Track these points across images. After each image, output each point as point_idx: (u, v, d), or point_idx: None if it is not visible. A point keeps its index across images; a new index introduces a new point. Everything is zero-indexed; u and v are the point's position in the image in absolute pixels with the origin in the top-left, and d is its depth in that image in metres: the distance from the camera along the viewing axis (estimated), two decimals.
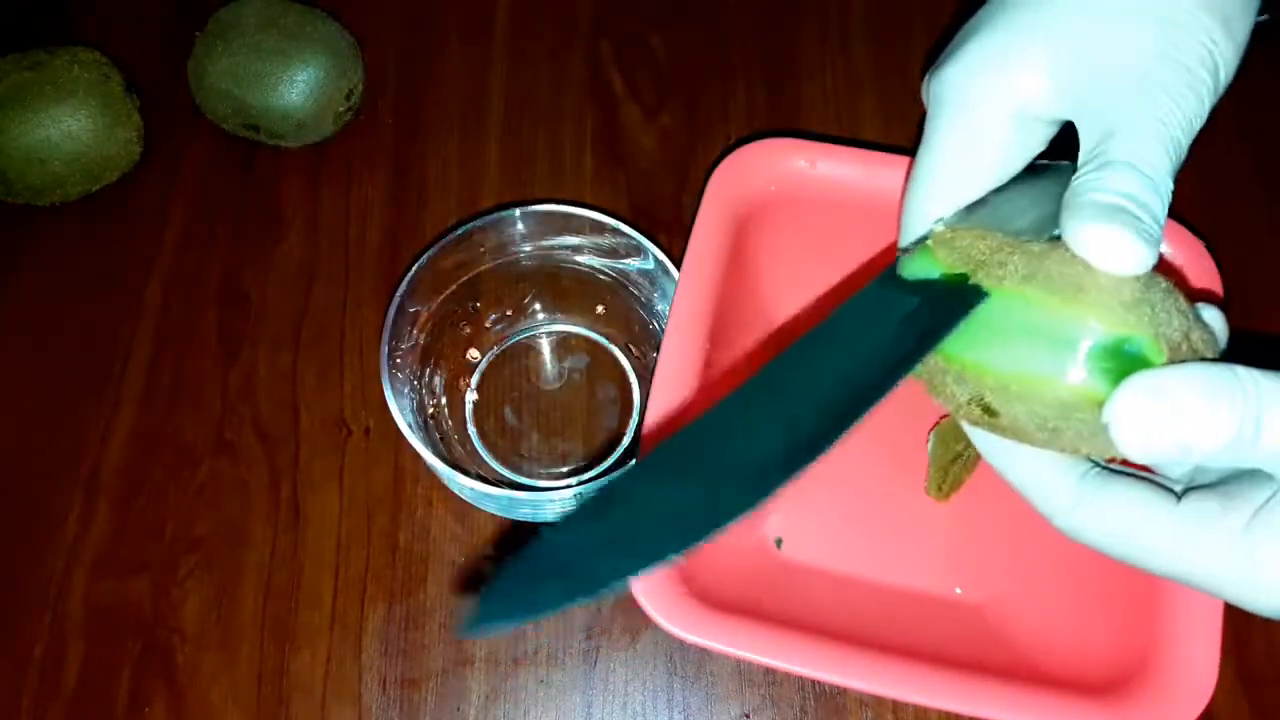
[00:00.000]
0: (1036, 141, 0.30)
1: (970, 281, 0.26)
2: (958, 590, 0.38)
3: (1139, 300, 0.24)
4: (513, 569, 0.22)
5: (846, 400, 0.24)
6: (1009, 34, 0.29)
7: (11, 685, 0.39)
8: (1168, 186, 0.26)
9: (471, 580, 0.41)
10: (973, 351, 0.26)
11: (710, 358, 0.36)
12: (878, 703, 0.39)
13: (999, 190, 0.30)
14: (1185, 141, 0.27)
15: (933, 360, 0.27)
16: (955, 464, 0.39)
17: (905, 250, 0.31)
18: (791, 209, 0.39)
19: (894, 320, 0.27)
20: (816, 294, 0.42)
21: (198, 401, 0.45)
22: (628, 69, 0.52)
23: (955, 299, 0.26)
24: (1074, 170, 0.29)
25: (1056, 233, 0.27)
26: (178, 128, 0.51)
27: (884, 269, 0.30)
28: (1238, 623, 0.38)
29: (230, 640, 0.40)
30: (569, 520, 0.23)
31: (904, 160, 0.38)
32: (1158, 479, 0.27)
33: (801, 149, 0.38)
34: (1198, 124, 0.27)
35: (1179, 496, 0.26)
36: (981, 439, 0.29)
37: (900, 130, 0.51)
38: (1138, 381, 0.23)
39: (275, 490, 0.43)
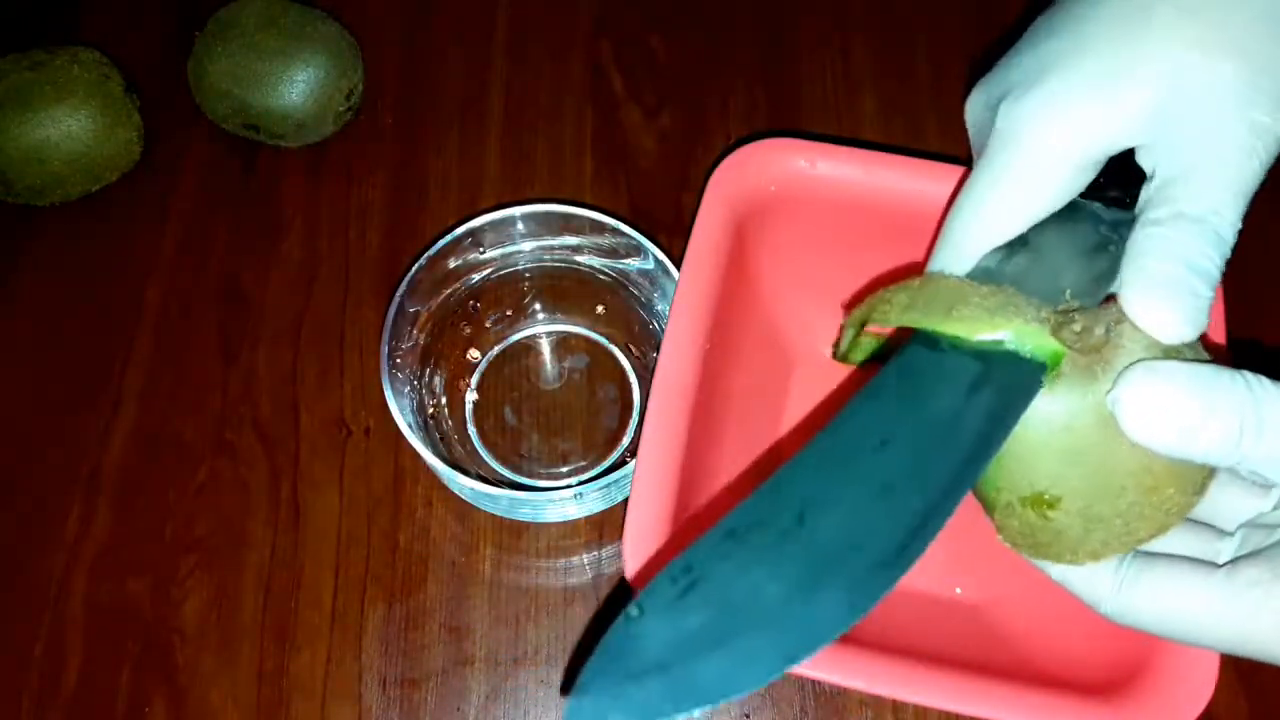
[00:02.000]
0: (1087, 178, 0.29)
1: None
2: (958, 590, 0.38)
3: None
4: (602, 663, 0.21)
5: (952, 467, 0.23)
6: (1097, 69, 0.28)
7: (11, 685, 0.39)
8: (1235, 233, 0.26)
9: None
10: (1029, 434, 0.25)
11: (710, 358, 0.36)
12: (878, 703, 0.39)
13: (1037, 229, 0.29)
14: (1256, 183, 0.26)
15: None
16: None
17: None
18: (791, 209, 0.39)
19: (962, 388, 0.25)
20: (816, 294, 0.42)
21: (198, 401, 0.45)
22: (628, 69, 0.52)
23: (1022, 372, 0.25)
24: (1110, 211, 0.29)
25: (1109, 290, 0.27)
26: (178, 128, 0.51)
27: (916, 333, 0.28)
28: None
29: (230, 640, 0.40)
30: (654, 599, 0.21)
31: (904, 160, 0.38)
32: (1197, 558, 0.27)
33: (801, 149, 0.38)
34: (1270, 162, 0.26)
35: (1224, 568, 0.26)
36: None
37: (900, 130, 0.51)
38: (1145, 366, 0.24)
39: (275, 490, 0.43)
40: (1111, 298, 0.27)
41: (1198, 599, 0.25)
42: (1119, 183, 0.29)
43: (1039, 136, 0.28)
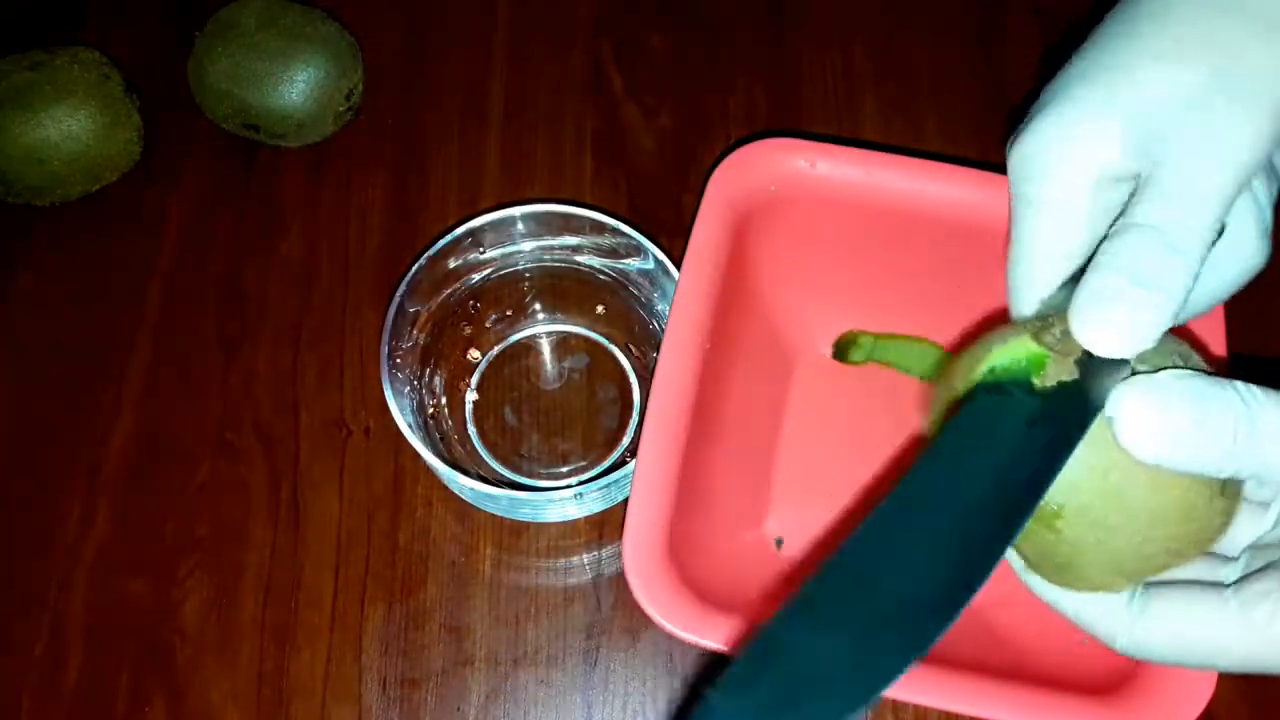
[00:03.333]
0: (1120, 201, 0.29)
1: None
2: None
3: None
4: None
5: (993, 523, 0.24)
6: (1081, 102, 0.28)
7: (11, 685, 0.39)
8: (1205, 242, 0.25)
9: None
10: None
11: (710, 358, 0.36)
12: (878, 702, 0.39)
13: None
14: (1235, 193, 0.26)
15: None
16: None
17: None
18: (791, 209, 0.39)
19: (1018, 428, 0.25)
20: (816, 294, 0.42)
21: (198, 401, 0.45)
22: (628, 69, 0.52)
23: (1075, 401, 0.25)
24: None
25: None
26: (178, 128, 0.51)
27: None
28: None
29: (230, 640, 0.40)
30: (732, 679, 0.22)
31: (904, 160, 0.38)
32: (1205, 580, 0.27)
33: (801, 149, 0.38)
34: (1255, 165, 0.26)
35: (1231, 587, 0.26)
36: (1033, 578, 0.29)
37: (900, 130, 0.51)
38: (1137, 382, 0.24)
39: (275, 490, 0.43)
40: None
41: (1209, 619, 0.25)
42: None
43: (1044, 166, 0.28)
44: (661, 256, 0.40)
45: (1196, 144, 0.26)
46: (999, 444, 0.25)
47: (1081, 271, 0.29)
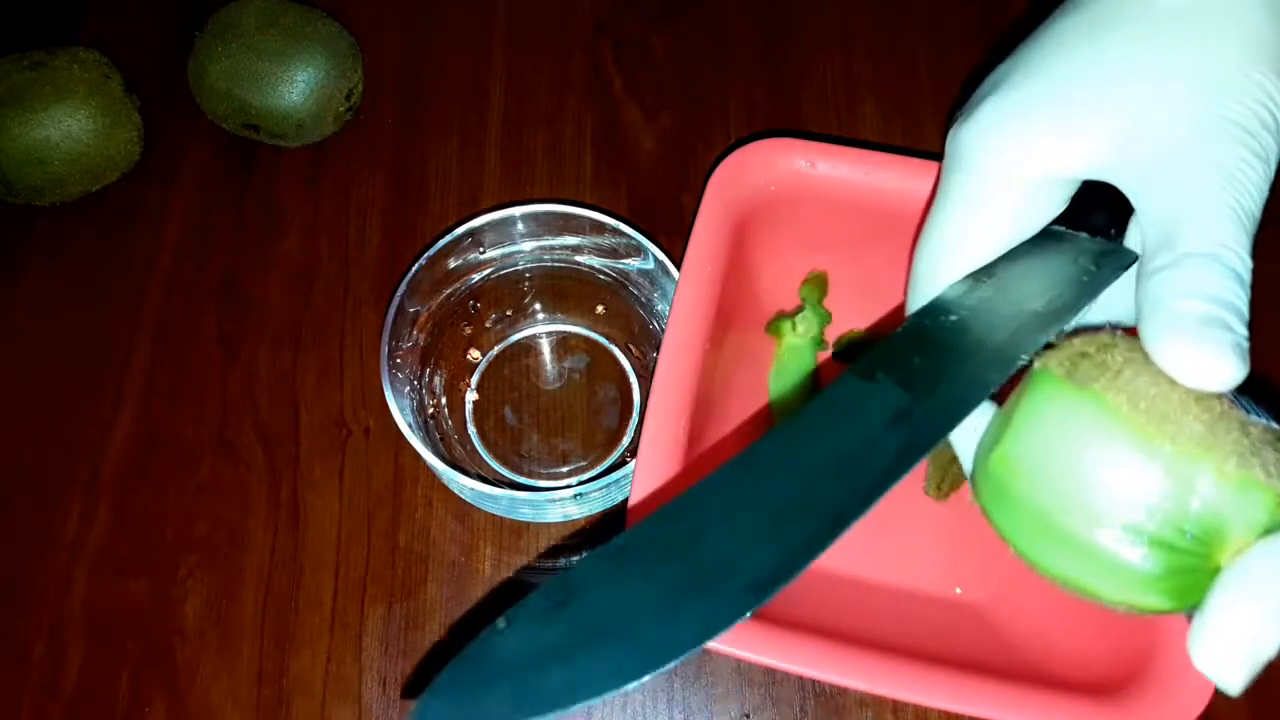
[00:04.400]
0: (1053, 205, 0.28)
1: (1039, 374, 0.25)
2: (958, 590, 0.38)
3: (1245, 440, 0.23)
4: (459, 669, 0.21)
5: (844, 499, 0.23)
6: (1028, 93, 0.27)
7: (11, 685, 0.39)
8: (1249, 268, 0.24)
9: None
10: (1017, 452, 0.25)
11: (710, 357, 0.36)
12: (878, 703, 0.39)
13: (1008, 258, 0.29)
14: (1258, 214, 0.25)
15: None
16: (954, 464, 0.39)
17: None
18: (791, 209, 0.39)
19: (881, 421, 0.25)
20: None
21: (198, 401, 0.45)
22: (628, 69, 0.52)
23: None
24: (1095, 242, 0.28)
25: (1075, 325, 0.26)
26: (178, 128, 0.51)
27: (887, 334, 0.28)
28: None
29: (230, 640, 0.40)
30: (525, 613, 0.22)
31: (904, 160, 0.38)
32: None
33: (801, 149, 0.38)
34: (1266, 190, 0.25)
35: None
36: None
37: (900, 130, 0.51)
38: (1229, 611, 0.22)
39: (275, 490, 0.43)
40: (1076, 333, 0.26)
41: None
42: (1105, 213, 0.29)
43: (983, 158, 0.28)
44: (661, 256, 0.40)
45: (1224, 170, 0.24)
46: (855, 435, 0.24)
47: (984, 272, 0.28)
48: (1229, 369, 0.23)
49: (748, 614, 0.21)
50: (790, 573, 0.22)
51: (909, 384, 0.25)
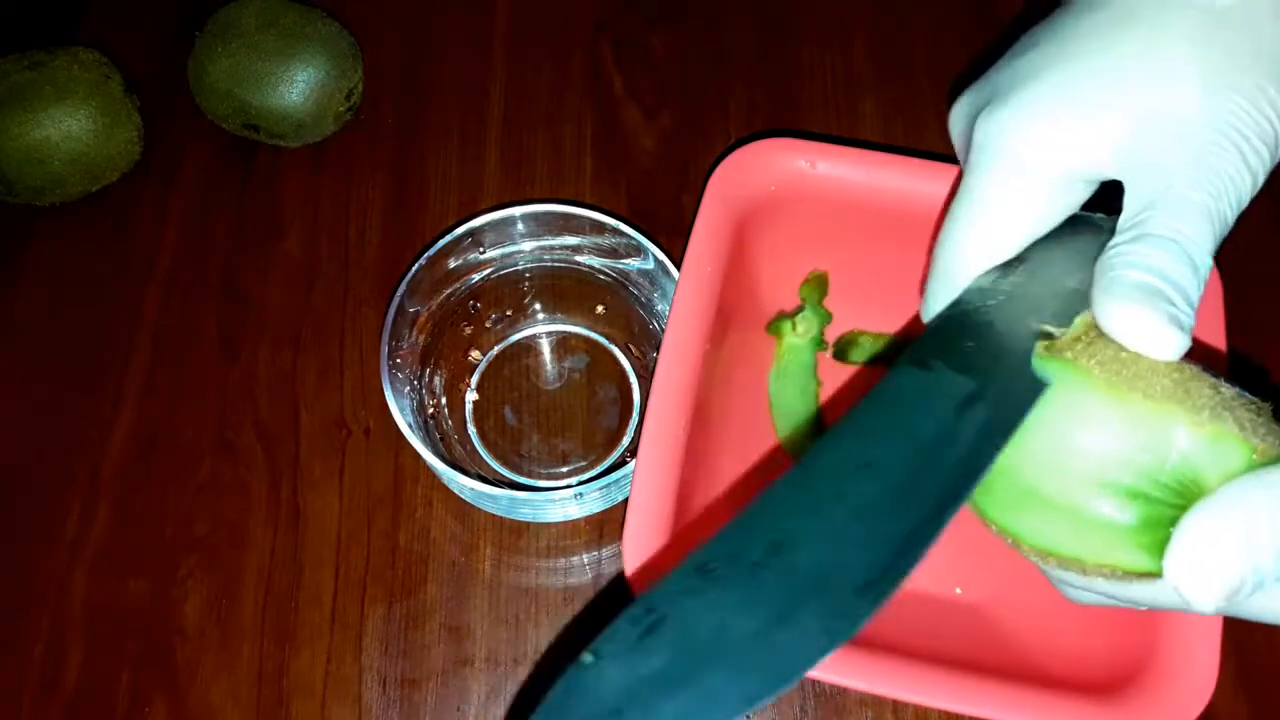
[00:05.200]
0: (1077, 200, 0.29)
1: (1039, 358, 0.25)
2: (958, 590, 0.38)
3: (1213, 400, 0.23)
4: (553, 712, 0.19)
5: (928, 499, 0.22)
6: (1072, 88, 0.27)
7: (11, 685, 0.39)
8: (1207, 265, 0.24)
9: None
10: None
11: (710, 358, 0.36)
12: (878, 703, 0.39)
13: (1035, 247, 0.29)
14: (1232, 218, 0.25)
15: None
16: None
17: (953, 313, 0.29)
18: (791, 209, 0.39)
19: (952, 406, 0.24)
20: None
21: (198, 401, 0.45)
22: (628, 69, 0.52)
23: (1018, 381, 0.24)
24: (1107, 227, 0.28)
25: None
26: (178, 128, 0.51)
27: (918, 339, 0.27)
28: (1238, 623, 0.38)
29: (230, 640, 0.40)
30: (612, 645, 0.20)
31: (904, 160, 0.38)
32: None
33: (801, 149, 0.38)
34: (1247, 199, 0.26)
35: None
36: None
37: (900, 130, 0.51)
38: (1190, 542, 0.22)
39: (275, 490, 0.43)
40: None
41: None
42: (1120, 196, 0.29)
43: (1017, 148, 0.28)
44: (661, 256, 0.40)
45: (1212, 170, 0.25)
46: (929, 423, 0.24)
47: (1015, 259, 0.28)
48: (1167, 337, 0.23)
49: (869, 617, 0.20)
50: (901, 570, 0.21)
51: (967, 368, 0.25)
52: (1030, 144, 0.27)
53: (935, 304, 0.30)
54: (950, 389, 0.24)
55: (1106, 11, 0.28)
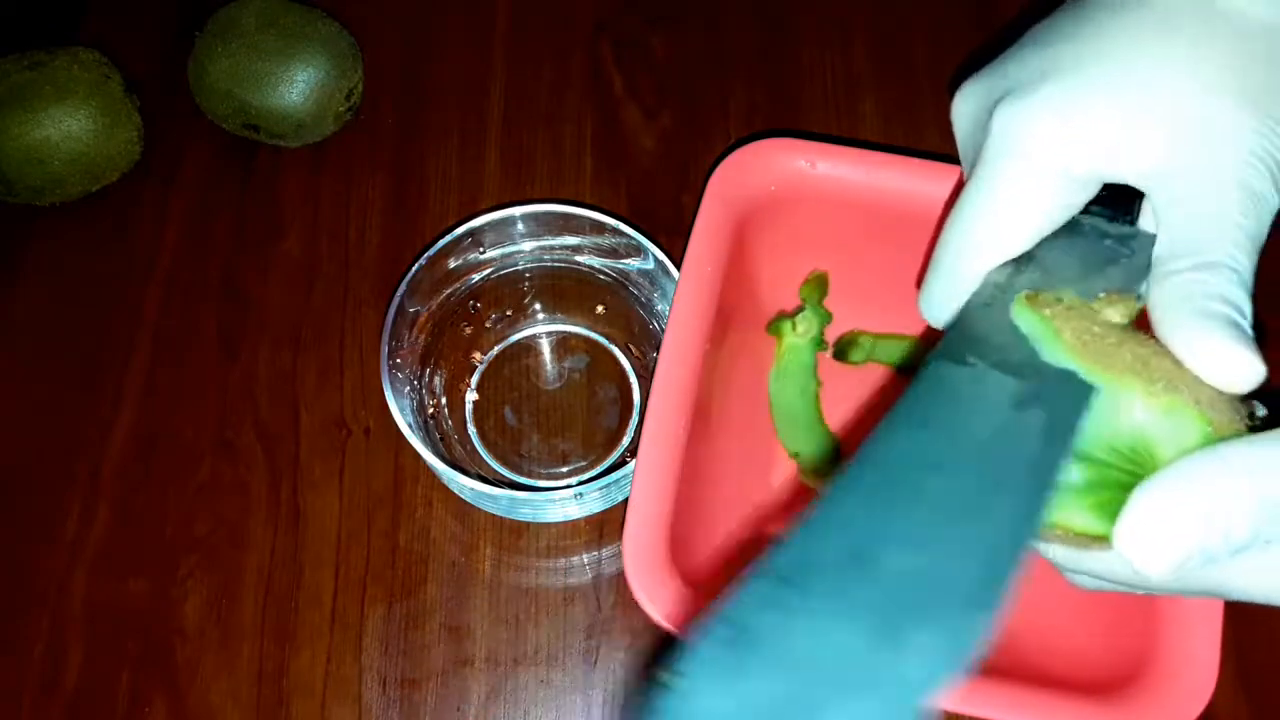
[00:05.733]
0: (1084, 199, 0.28)
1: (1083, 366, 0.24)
2: None
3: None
4: None
5: (1019, 500, 0.21)
6: (1111, 91, 0.26)
7: (11, 685, 0.39)
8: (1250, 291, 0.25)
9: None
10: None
11: (710, 358, 0.36)
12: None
13: (1043, 246, 0.28)
14: (1263, 242, 0.25)
15: None
16: None
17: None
18: (791, 209, 0.39)
19: (1005, 405, 0.23)
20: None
21: (198, 401, 0.45)
22: (628, 69, 0.52)
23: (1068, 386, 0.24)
24: (1114, 225, 0.28)
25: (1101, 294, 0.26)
26: (178, 128, 0.51)
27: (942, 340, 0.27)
28: (1238, 623, 0.38)
29: (230, 640, 0.40)
30: (704, 666, 0.17)
31: (904, 160, 0.38)
32: None
33: (801, 149, 0.38)
34: (1271, 219, 0.26)
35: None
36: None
37: (900, 130, 0.51)
38: (1140, 510, 0.22)
39: (275, 490, 0.43)
40: None
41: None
42: (1111, 199, 0.29)
43: (1042, 144, 0.27)
44: (661, 256, 0.40)
45: (1247, 189, 0.25)
46: (987, 422, 0.23)
47: (1024, 257, 0.28)
48: (1258, 367, 0.23)
49: (984, 633, 0.19)
50: (1000, 579, 0.20)
51: (1006, 365, 0.24)
52: (1059, 141, 0.27)
53: (938, 296, 0.29)
54: (997, 387, 0.24)
55: (1143, 13, 0.27)
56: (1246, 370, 0.23)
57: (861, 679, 0.18)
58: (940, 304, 0.29)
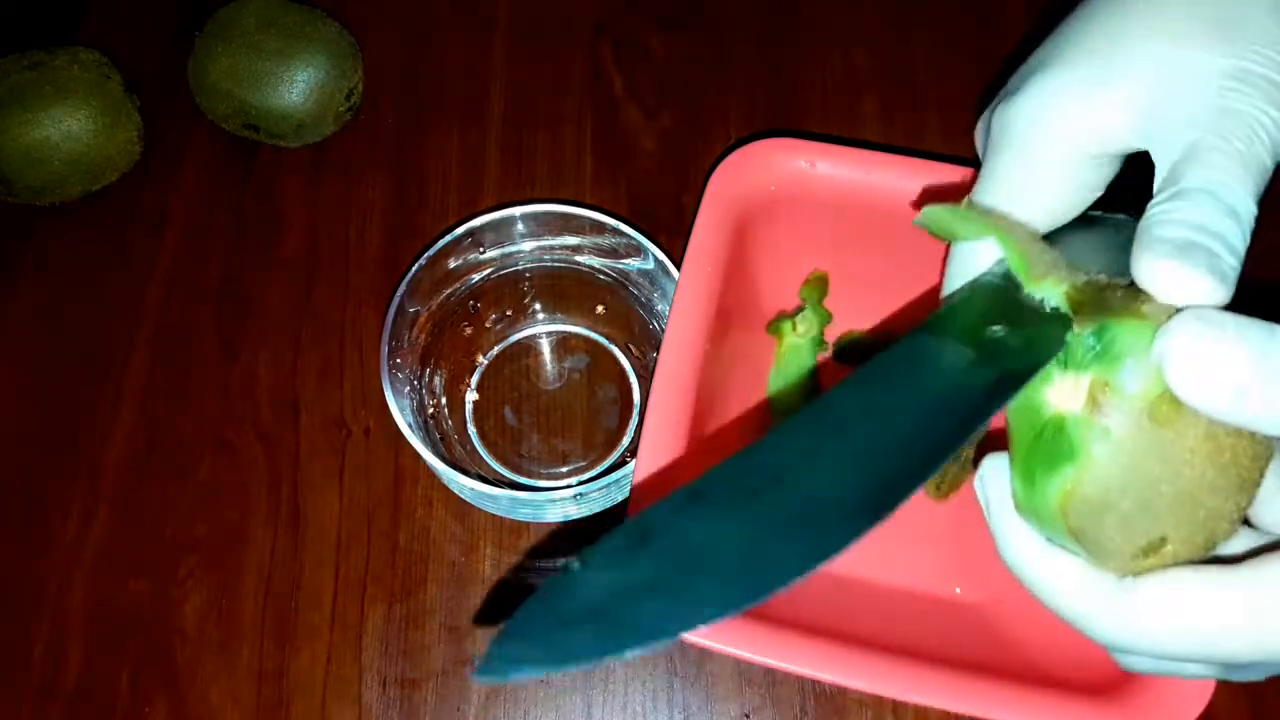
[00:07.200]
0: (1101, 181, 0.28)
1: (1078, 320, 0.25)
2: (958, 590, 0.38)
3: None
4: (533, 610, 0.20)
5: (930, 442, 0.22)
6: (1085, 68, 0.27)
7: (11, 685, 0.39)
8: (1250, 210, 0.24)
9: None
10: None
11: (710, 358, 0.36)
12: (878, 703, 0.39)
13: (1059, 237, 0.29)
14: (1270, 161, 0.25)
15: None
16: (953, 464, 0.39)
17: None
18: (791, 209, 0.39)
19: (961, 366, 0.24)
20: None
21: (198, 401, 0.45)
22: (628, 69, 0.52)
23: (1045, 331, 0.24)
24: (1130, 221, 0.27)
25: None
26: (178, 128, 0.51)
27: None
28: None
29: (230, 640, 0.40)
30: (601, 554, 0.21)
31: (904, 160, 0.38)
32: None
33: (801, 149, 0.38)
34: (1274, 155, 0.25)
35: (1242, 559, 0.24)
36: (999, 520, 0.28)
37: (901, 130, 0.51)
38: (1194, 313, 0.22)
39: (275, 490, 0.43)
40: None
41: (1211, 585, 0.23)
42: (1137, 198, 0.29)
43: (1032, 134, 0.28)
44: (661, 256, 0.40)
45: (1232, 118, 0.25)
46: (938, 380, 0.24)
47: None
48: (1201, 283, 0.23)
49: (855, 539, 0.21)
50: (891, 503, 0.21)
51: (984, 337, 0.25)
52: (1046, 121, 0.27)
53: (955, 281, 0.30)
54: (955, 352, 0.25)
55: (1107, 2, 0.28)
56: (1193, 287, 0.23)
57: (733, 567, 0.20)
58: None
